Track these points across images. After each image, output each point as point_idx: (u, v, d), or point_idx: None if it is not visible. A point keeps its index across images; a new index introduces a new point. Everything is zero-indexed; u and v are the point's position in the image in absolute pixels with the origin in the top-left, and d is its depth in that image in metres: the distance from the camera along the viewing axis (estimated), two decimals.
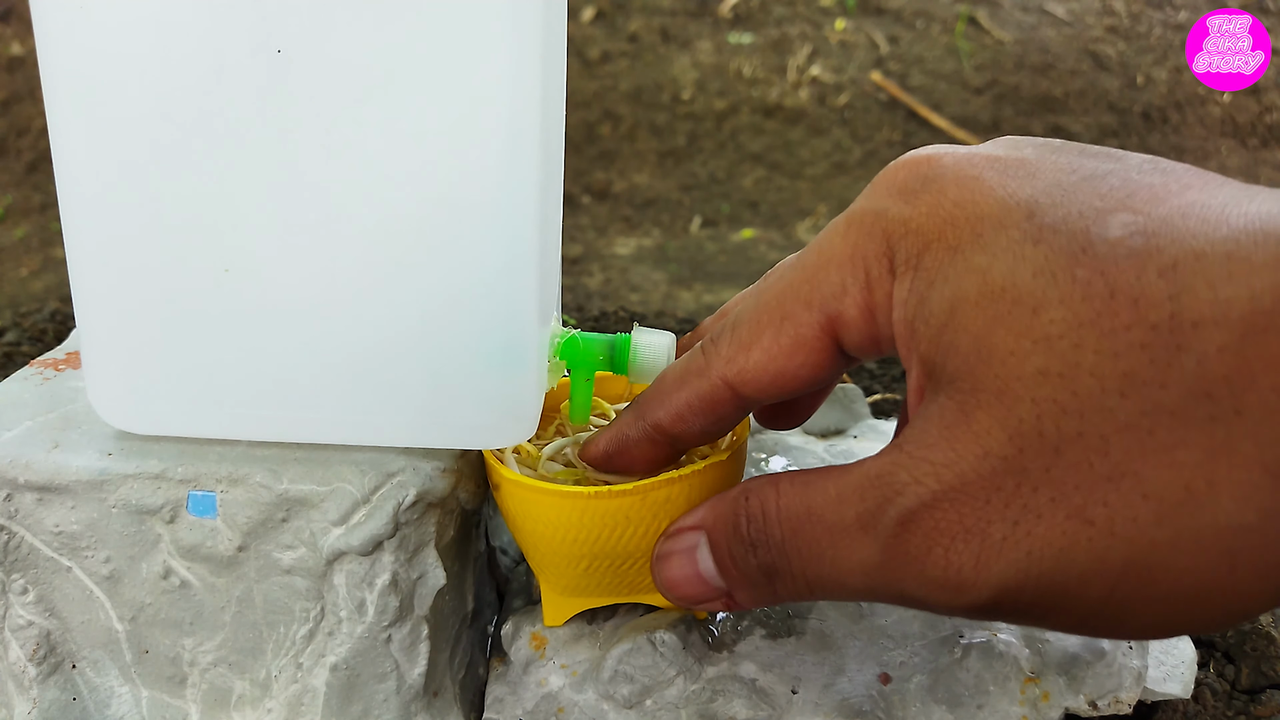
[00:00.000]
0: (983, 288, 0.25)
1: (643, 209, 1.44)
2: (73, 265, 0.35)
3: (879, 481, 0.27)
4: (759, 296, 0.31)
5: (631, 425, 0.35)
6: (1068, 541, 0.24)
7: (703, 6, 1.91)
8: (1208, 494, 0.22)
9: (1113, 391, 0.23)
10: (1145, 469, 0.23)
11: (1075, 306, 0.23)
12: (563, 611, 0.40)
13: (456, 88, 0.32)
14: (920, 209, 0.27)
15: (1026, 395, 0.24)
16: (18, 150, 1.60)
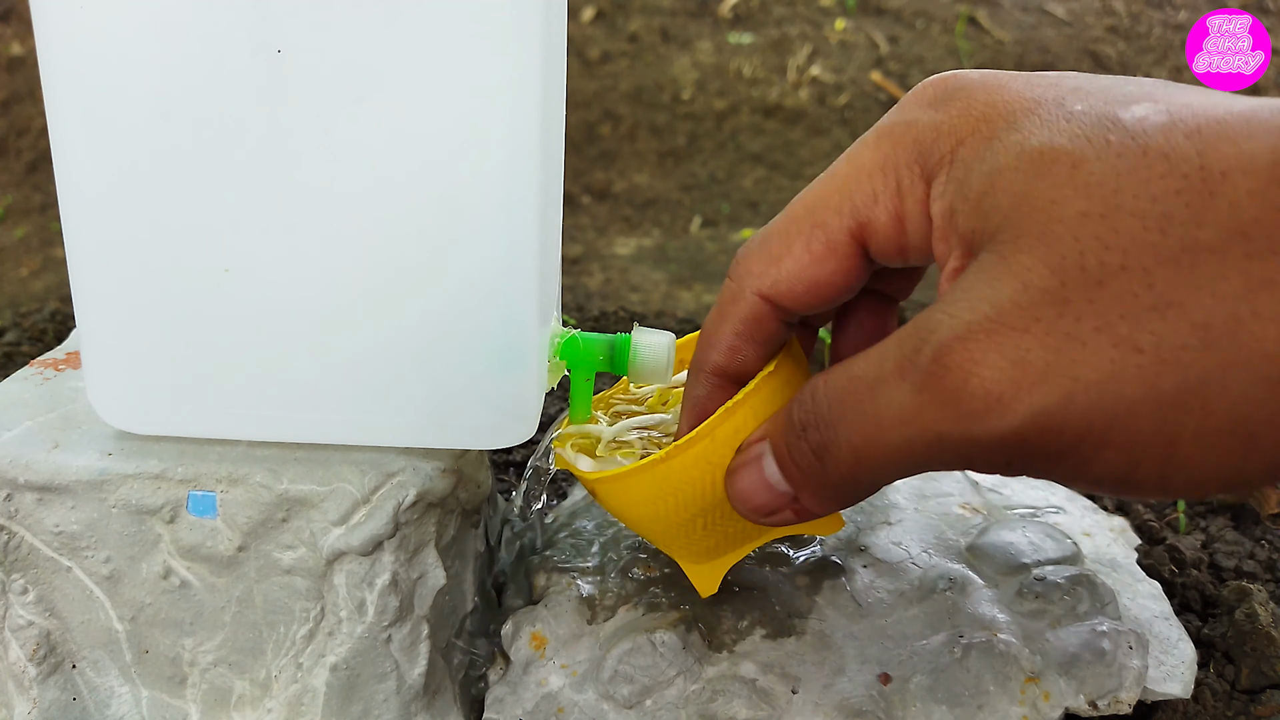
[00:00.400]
0: (1020, 155, 0.26)
1: (643, 209, 1.44)
2: (73, 265, 0.35)
3: (915, 328, 0.27)
4: (788, 211, 0.32)
5: (697, 384, 0.35)
6: (1115, 368, 0.24)
7: (703, 6, 1.91)
8: (1254, 322, 0.23)
9: (1154, 229, 0.24)
10: (1190, 299, 0.23)
11: (1112, 162, 0.25)
12: (710, 578, 0.39)
13: (456, 88, 0.32)
14: (951, 113, 0.28)
15: (1068, 234, 0.24)
16: (18, 150, 1.60)
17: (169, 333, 0.36)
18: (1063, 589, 0.41)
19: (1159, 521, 0.53)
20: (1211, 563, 0.50)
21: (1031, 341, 0.24)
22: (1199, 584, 0.48)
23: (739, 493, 0.33)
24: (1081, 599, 0.40)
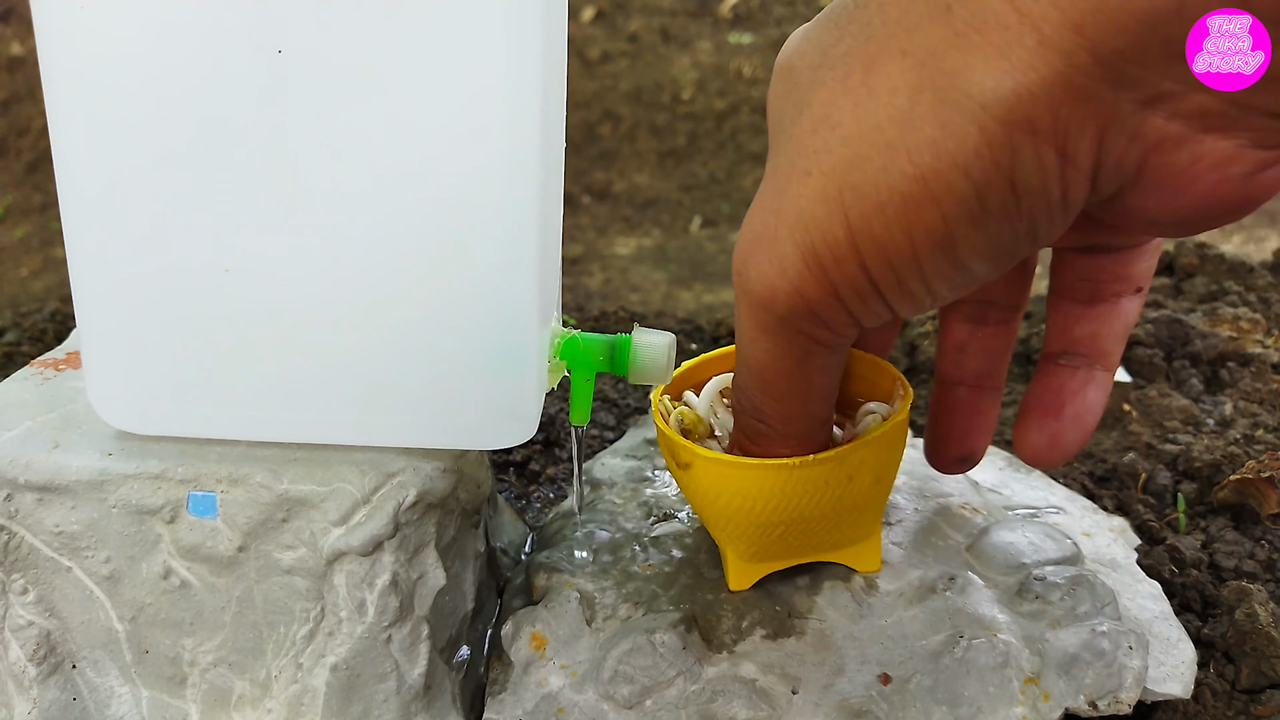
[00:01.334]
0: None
1: (643, 209, 1.44)
2: (73, 265, 0.35)
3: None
4: None
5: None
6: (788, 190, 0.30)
7: (703, 6, 1.91)
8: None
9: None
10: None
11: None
12: (748, 576, 0.41)
13: (457, 88, 0.32)
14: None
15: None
16: (18, 150, 1.60)
17: (169, 332, 0.36)
18: (1063, 589, 0.41)
19: (1159, 521, 0.53)
20: (1211, 563, 0.50)
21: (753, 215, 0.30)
22: (1199, 584, 0.48)
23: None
24: (1081, 599, 0.40)
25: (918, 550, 0.44)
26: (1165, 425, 0.63)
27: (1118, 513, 0.54)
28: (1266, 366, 0.69)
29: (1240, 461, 0.56)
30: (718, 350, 0.43)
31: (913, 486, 0.50)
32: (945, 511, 0.48)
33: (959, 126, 0.25)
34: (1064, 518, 0.49)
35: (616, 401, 0.67)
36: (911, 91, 0.26)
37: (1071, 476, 0.57)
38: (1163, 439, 0.62)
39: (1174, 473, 0.58)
